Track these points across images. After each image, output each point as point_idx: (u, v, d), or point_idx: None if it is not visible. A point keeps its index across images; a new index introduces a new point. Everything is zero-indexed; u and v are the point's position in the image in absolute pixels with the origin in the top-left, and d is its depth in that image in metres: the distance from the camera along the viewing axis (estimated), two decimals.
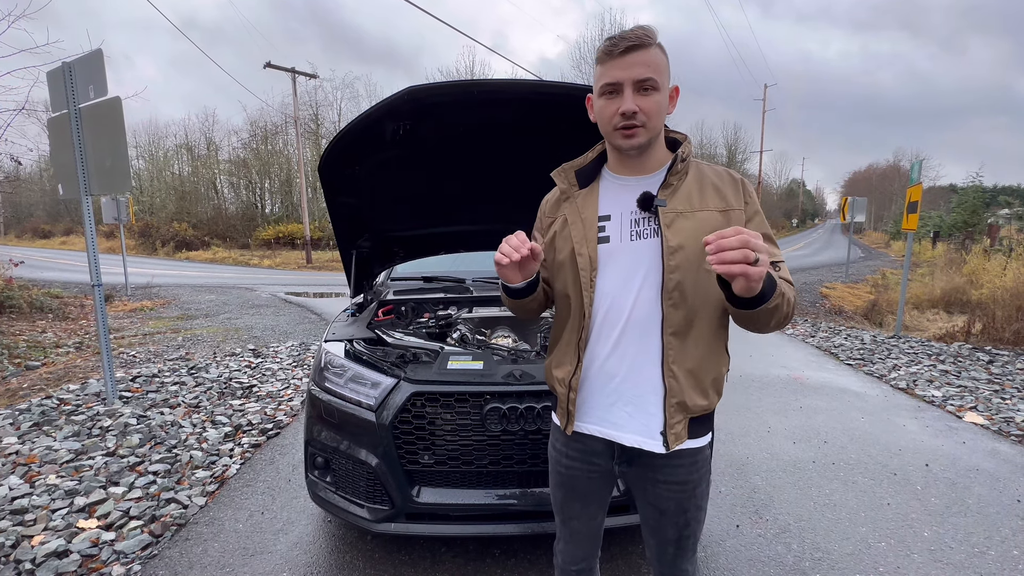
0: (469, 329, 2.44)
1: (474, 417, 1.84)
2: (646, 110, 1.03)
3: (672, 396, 1.09)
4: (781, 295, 0.97)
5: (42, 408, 3.66)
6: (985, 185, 20.29)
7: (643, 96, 1.03)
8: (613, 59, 1.03)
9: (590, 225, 1.15)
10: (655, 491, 1.18)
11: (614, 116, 1.05)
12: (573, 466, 1.24)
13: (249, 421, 3.57)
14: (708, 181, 1.12)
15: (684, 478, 1.15)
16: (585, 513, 1.29)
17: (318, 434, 2.02)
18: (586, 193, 1.19)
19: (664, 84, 1.05)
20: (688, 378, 1.10)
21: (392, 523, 1.89)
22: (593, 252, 1.13)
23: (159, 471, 2.84)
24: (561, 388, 1.21)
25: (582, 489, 1.26)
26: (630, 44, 1.01)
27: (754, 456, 3.13)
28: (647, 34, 1.03)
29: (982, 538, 2.32)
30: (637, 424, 1.13)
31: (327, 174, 2.32)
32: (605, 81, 1.04)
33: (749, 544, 2.27)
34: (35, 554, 2.12)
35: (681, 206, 1.09)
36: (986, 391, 4.27)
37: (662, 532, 1.21)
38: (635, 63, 1.01)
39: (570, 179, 1.21)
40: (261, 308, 8.81)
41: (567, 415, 1.20)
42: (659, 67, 1.03)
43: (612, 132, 1.08)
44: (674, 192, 1.10)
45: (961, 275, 9.58)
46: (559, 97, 1.91)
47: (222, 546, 2.25)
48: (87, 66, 3.60)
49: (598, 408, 1.17)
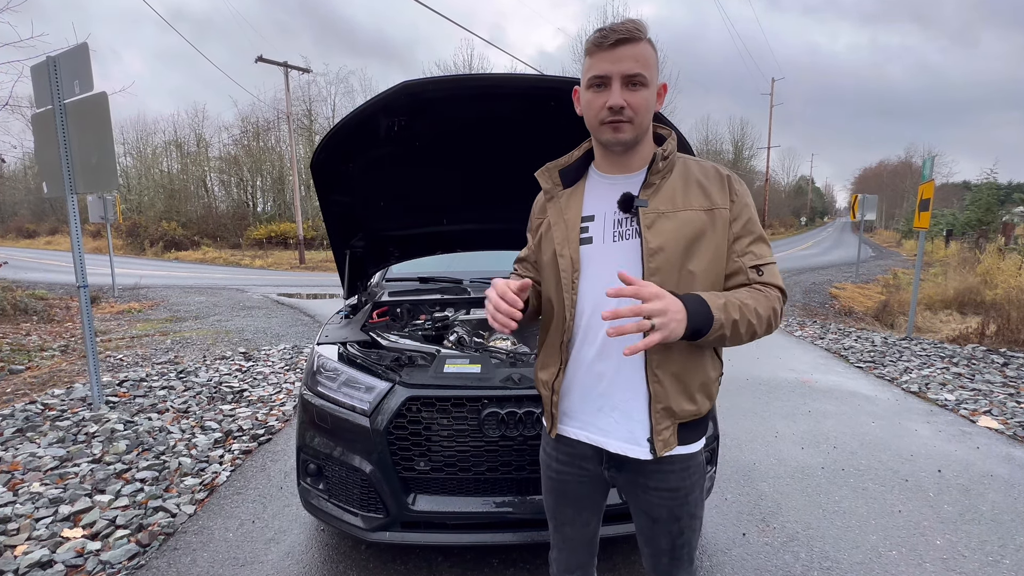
0: (466, 331, 2.39)
1: (471, 422, 1.79)
2: (634, 106, 1.01)
3: (657, 401, 1.07)
4: (722, 325, 0.96)
5: (26, 413, 3.56)
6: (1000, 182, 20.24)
7: (631, 91, 1.01)
8: (602, 51, 1.01)
9: (572, 226, 1.12)
10: (646, 498, 1.15)
11: (601, 110, 1.03)
12: (563, 471, 1.22)
13: (240, 427, 3.50)
14: (693, 179, 1.09)
15: (676, 485, 1.13)
16: (578, 519, 1.26)
17: (311, 440, 1.96)
18: (570, 193, 1.16)
19: (653, 80, 1.03)
20: (674, 383, 1.07)
21: (387, 532, 1.84)
22: (575, 253, 1.11)
23: (147, 478, 2.76)
24: (545, 391, 1.20)
25: (573, 494, 1.23)
26: (620, 37, 0.99)
27: (761, 462, 3.08)
28: (638, 28, 1.00)
29: (996, 546, 2.28)
30: (623, 431, 1.11)
31: (319, 171, 2.26)
32: (593, 73, 1.02)
33: (756, 553, 2.23)
34: (18, 564, 2.05)
35: (663, 206, 1.06)
36: (1001, 395, 4.20)
37: (655, 541, 1.19)
38: (624, 57, 0.99)
39: (554, 179, 1.18)
40: (252, 310, 8.70)
41: (551, 418, 1.19)
42: (648, 62, 1.01)
43: (599, 126, 1.05)
44: (656, 191, 1.07)
45: (975, 275, 9.49)
46: (558, 92, 1.86)
47: (211, 556, 2.18)
48: (72, 60, 3.51)
49: (584, 412, 1.15)
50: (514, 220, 2.80)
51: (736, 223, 1.07)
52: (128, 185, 32.64)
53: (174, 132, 34.99)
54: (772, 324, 1.05)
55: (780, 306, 1.07)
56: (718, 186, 1.08)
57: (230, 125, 33.73)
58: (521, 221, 1.34)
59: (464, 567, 2.09)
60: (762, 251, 1.08)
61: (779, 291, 1.08)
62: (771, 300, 1.05)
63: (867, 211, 13.42)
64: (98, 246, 21.99)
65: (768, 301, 1.04)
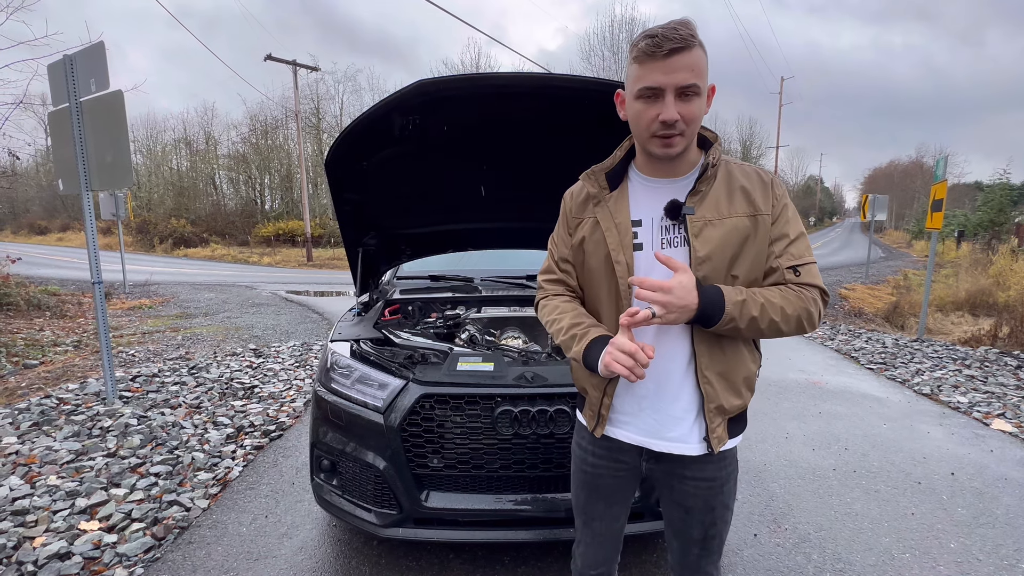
0: (478, 329, 2.40)
1: (485, 420, 1.80)
2: (687, 117, 0.99)
3: (710, 402, 1.09)
4: (734, 319, 1.01)
5: (41, 407, 3.61)
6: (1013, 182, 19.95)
7: (685, 103, 0.98)
8: (656, 61, 0.96)
9: (624, 231, 1.11)
10: (682, 487, 1.16)
11: (653, 122, 1.00)
12: (599, 464, 1.23)
13: (251, 422, 3.53)
14: (737, 184, 1.09)
15: (713, 474, 1.15)
16: (609, 514, 1.27)
17: (324, 436, 1.98)
18: (617, 196, 1.15)
19: (704, 87, 1.01)
20: (721, 381, 1.09)
21: (400, 528, 1.85)
22: (630, 259, 1.10)
23: (160, 473, 2.80)
24: (595, 392, 1.19)
25: (606, 489, 1.24)
26: (674, 46, 0.95)
27: (772, 463, 3.07)
28: (692, 33, 0.96)
29: (1011, 550, 2.26)
30: (672, 430, 1.13)
31: (334, 170, 2.27)
32: (645, 84, 0.98)
33: (767, 554, 2.22)
34: (37, 556, 2.08)
35: (710, 213, 1.06)
36: (1015, 397, 4.15)
37: (687, 531, 1.20)
38: (679, 67, 0.96)
39: (600, 182, 1.17)
40: (261, 307, 8.76)
41: (597, 418, 1.19)
42: (702, 70, 0.99)
43: (649, 138, 1.03)
44: (703, 199, 1.07)
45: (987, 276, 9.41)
46: (574, 92, 1.86)
47: (225, 550, 2.21)
48: (88, 59, 3.54)
49: (629, 413, 1.16)
50: (525, 219, 2.82)
51: (776, 225, 1.08)
52: (138, 182, 32.89)
53: (184, 130, 35.30)
54: (804, 323, 1.05)
55: (818, 307, 1.06)
56: (761, 191, 1.08)
57: (239, 123, 33.85)
58: (532, 220, 1.34)
59: (476, 564, 2.10)
60: (800, 251, 1.08)
61: (819, 291, 1.07)
62: (805, 301, 1.05)
63: (878, 211, 13.30)
64: (109, 243, 22.19)
65: (801, 301, 1.04)
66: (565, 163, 1.21)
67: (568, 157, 1.22)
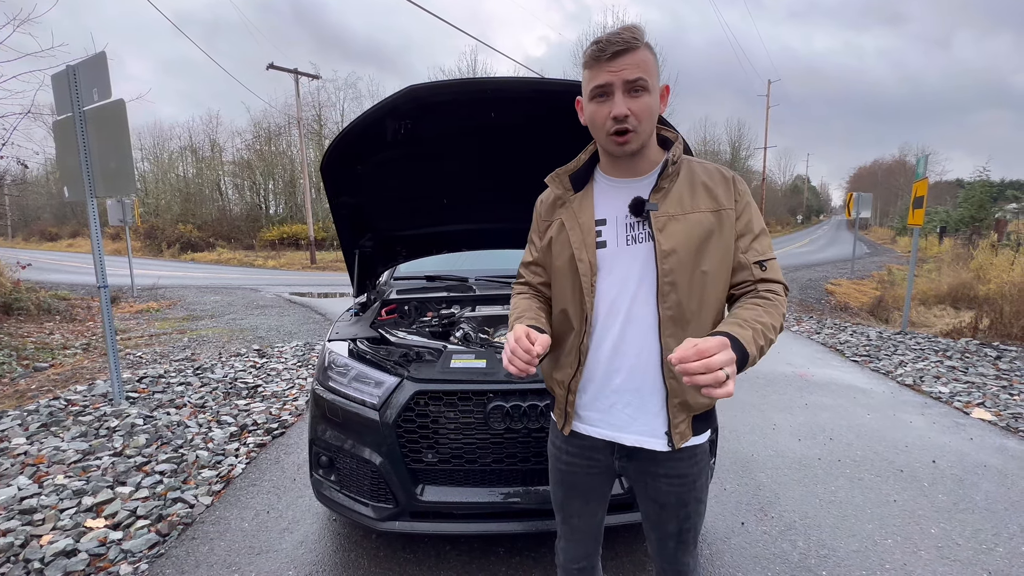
0: (472, 328, 2.44)
1: (477, 415, 1.84)
2: (637, 113, 1.02)
3: (674, 396, 1.11)
4: (755, 357, 0.96)
5: (50, 409, 3.69)
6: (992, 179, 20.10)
7: (634, 98, 1.02)
8: (602, 63, 1.01)
9: (588, 231, 1.14)
10: (655, 485, 1.19)
11: (606, 120, 1.04)
12: (573, 463, 1.25)
13: (254, 421, 3.59)
14: (699, 181, 1.12)
15: (684, 472, 1.17)
16: (586, 510, 1.29)
17: (322, 433, 2.02)
18: (581, 197, 1.18)
19: (654, 84, 1.04)
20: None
21: (396, 521, 1.90)
22: (593, 257, 1.13)
23: (165, 471, 2.86)
24: (560, 390, 1.22)
25: (582, 486, 1.26)
26: (617, 49, 0.99)
27: (759, 453, 3.12)
28: (635, 36, 1.00)
29: (990, 535, 2.30)
30: (639, 425, 1.14)
31: (329, 174, 2.32)
32: (595, 84, 1.03)
33: (754, 541, 2.26)
34: (44, 553, 2.13)
35: (673, 209, 1.08)
36: (994, 387, 4.25)
37: (663, 526, 1.22)
38: (624, 65, 1.00)
39: (564, 184, 1.20)
40: (266, 309, 8.85)
41: (565, 416, 1.21)
42: (648, 68, 1.02)
43: (605, 138, 1.07)
44: (665, 195, 1.10)
45: (968, 270, 9.53)
46: (562, 94, 1.90)
47: (228, 545, 2.26)
48: (91, 69, 3.62)
49: (597, 410, 1.18)
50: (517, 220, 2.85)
51: (740, 221, 1.11)
52: (146, 189, 33.29)
53: (189, 138, 35.69)
54: (782, 327, 1.08)
55: (784, 305, 1.10)
56: (723, 188, 1.11)
57: (243, 130, 34.29)
58: (524, 221, 1.37)
59: (471, 555, 2.15)
60: (764, 247, 1.12)
61: (782, 286, 1.11)
62: (779, 306, 1.07)
63: (862, 209, 13.41)
64: (117, 248, 22.44)
65: (777, 309, 1.06)
66: (554, 165, 1.25)
67: (557, 159, 1.26)
